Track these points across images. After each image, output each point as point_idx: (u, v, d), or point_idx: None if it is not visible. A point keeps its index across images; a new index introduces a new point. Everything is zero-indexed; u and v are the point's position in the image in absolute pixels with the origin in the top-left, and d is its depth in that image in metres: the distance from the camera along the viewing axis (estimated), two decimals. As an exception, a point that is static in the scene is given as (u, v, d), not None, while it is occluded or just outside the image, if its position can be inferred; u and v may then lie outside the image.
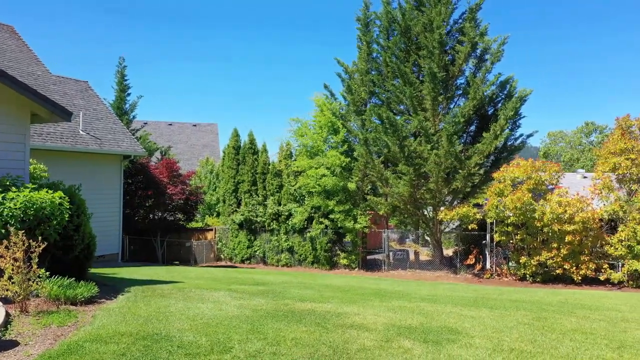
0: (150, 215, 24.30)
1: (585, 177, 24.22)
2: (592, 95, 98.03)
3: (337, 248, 23.72)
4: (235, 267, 24.24)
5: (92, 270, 11.66)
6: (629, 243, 17.39)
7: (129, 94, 29.93)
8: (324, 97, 24.31)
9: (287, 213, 24.55)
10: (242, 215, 25.48)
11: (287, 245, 24.62)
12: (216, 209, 32.10)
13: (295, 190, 24.41)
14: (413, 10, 22.35)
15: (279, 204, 24.97)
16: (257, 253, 25.53)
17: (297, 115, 27.52)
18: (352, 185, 22.64)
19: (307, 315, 8.10)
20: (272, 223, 25.01)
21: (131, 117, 29.74)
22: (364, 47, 24.04)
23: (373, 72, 23.92)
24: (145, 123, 39.05)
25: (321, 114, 23.62)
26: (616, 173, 18.59)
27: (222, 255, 26.96)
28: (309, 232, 23.66)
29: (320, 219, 23.20)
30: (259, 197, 25.56)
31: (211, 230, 27.47)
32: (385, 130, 20.95)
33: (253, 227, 25.65)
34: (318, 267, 23.67)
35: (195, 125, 46.70)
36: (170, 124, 46.10)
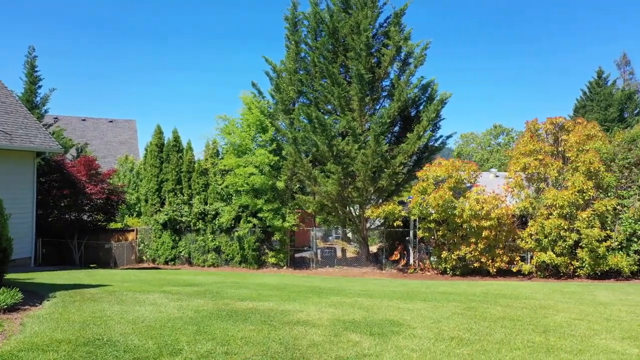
0: (66, 216, 22.86)
1: (497, 176, 25.88)
2: (500, 98, 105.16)
3: (265, 247, 23.66)
4: (159, 268, 23.44)
5: (7, 276, 10.83)
6: (538, 237, 18.88)
7: (40, 87, 27.92)
8: (252, 96, 24.14)
9: (213, 212, 24.12)
10: (166, 215, 24.68)
11: (214, 245, 24.19)
12: (136, 209, 30.81)
13: (222, 189, 24.04)
14: (340, 12, 22.80)
15: (206, 203, 24.48)
16: (182, 254, 24.85)
17: (224, 113, 27.11)
18: (280, 184, 22.69)
19: (251, 314, 8.09)
20: (198, 223, 24.46)
21: (43, 111, 27.76)
22: (292, 47, 24.16)
23: (301, 72, 24.09)
24: (56, 118, 36.65)
25: (249, 112, 23.43)
26: (526, 172, 20.06)
27: (144, 257, 25.94)
28: (237, 231, 23.41)
29: (249, 218, 23.03)
30: (184, 196, 24.89)
31: (132, 231, 26.34)
32: (314, 129, 21.21)
33: (178, 227, 24.93)
34: (246, 266, 23.49)
35: (111, 122, 44.45)
36: (84, 120, 43.54)
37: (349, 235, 32.87)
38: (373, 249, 25.89)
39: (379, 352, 6.03)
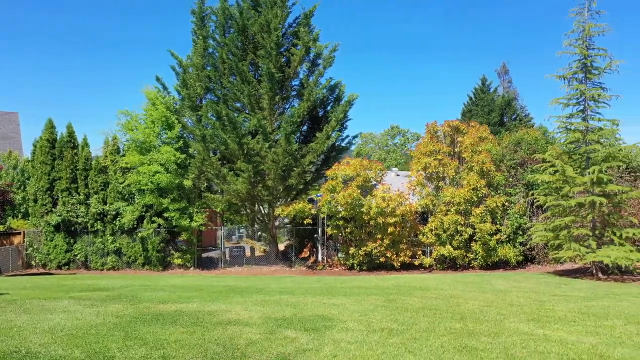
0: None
1: (398, 175, 27.26)
2: (396, 99, 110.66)
3: (170, 248, 22.84)
4: (52, 274, 21.67)
5: None
6: (437, 232, 20.20)
7: None
8: (157, 91, 23.15)
9: (114, 212, 22.79)
10: (59, 216, 22.85)
11: (114, 247, 22.87)
12: (22, 210, 28.16)
13: (124, 187, 22.79)
14: (250, 10, 22.64)
15: (105, 203, 23.04)
16: (78, 257, 23.19)
17: (126, 108, 25.68)
18: (188, 183, 22.03)
19: (178, 317, 7.86)
20: (96, 224, 22.96)
21: None
22: (199, 42, 23.53)
23: (209, 68, 23.56)
24: None
25: (153, 107, 22.44)
26: (427, 171, 21.35)
27: (33, 262, 23.83)
28: (140, 232, 22.35)
29: (153, 218, 22.07)
30: (80, 195, 23.22)
31: (19, 234, 24.05)
32: (223, 127, 20.88)
33: (73, 228, 23.21)
34: (150, 268, 22.51)
35: (-12, 114, 40.11)
36: (-45, 111, 38.86)
37: (260, 233, 32.78)
38: (281, 246, 26.04)
39: (318, 346, 6.17)
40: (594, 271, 15.66)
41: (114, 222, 22.80)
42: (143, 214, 22.44)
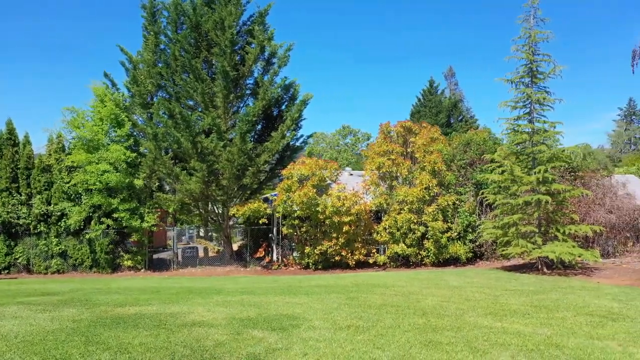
0: None
1: (351, 175, 27.54)
2: (347, 99, 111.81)
3: (120, 249, 22.12)
4: (-10, 278, 20.49)
5: None
6: (391, 230, 20.59)
7: None
8: (105, 87, 22.35)
9: (59, 213, 21.80)
10: (-2, 217, 21.64)
11: (59, 249, 21.87)
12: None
13: (69, 187, 21.84)
14: (203, 6, 22.25)
15: (49, 204, 22.00)
16: (19, 261, 22.01)
17: (72, 104, 24.63)
18: (139, 182, 21.38)
19: (139, 320, 7.64)
20: (39, 225, 21.89)
21: None
22: (150, 38, 22.91)
23: (161, 64, 22.98)
24: None
25: (102, 104, 21.66)
26: (381, 171, 21.71)
27: (-32, 267, 22.42)
28: (88, 233, 21.50)
29: (102, 219, 21.30)
30: (21, 195, 22.05)
31: (-48, 236, 22.57)
32: (176, 125, 20.44)
33: (14, 230, 22.03)
34: (98, 271, 21.70)
35: None
36: None
37: (210, 234, 32.28)
38: (235, 247, 25.76)
39: (287, 345, 6.18)
40: (540, 266, 16.43)
41: (59, 223, 21.82)
42: (91, 214, 21.62)
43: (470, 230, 20.95)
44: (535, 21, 16.74)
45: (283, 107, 23.85)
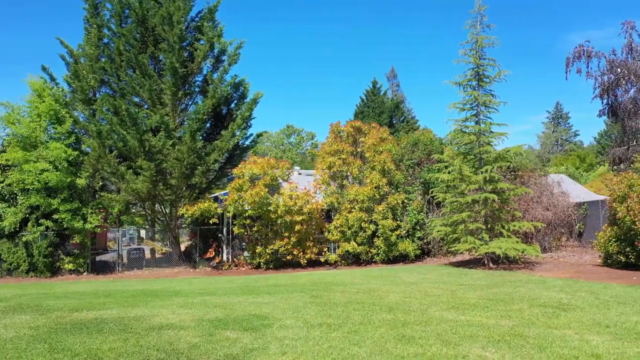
0: None
1: (300, 174, 27.64)
2: (291, 98, 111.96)
3: (60, 252, 21.03)
4: None
5: None
6: (343, 229, 20.81)
7: None
8: (43, 81, 21.17)
9: (-8, 215, 20.47)
10: None
11: (-8, 253, 20.55)
12: None
13: (4, 187, 20.55)
14: (150, 0, 21.57)
15: (-20, 205, 20.61)
16: (-55, 266, 20.49)
17: (7, 99, 23.16)
18: (81, 182, 20.40)
19: (102, 324, 7.34)
20: (-31, 228, 20.46)
21: None
22: (93, 31, 21.91)
23: (104, 59, 22.03)
24: None
25: (39, 99, 20.52)
26: (331, 170, 21.87)
27: None
28: (24, 235, 20.30)
29: (40, 220, 20.16)
30: (-51, 196, 20.54)
31: None
32: (122, 123, 19.71)
33: (-60, 234, 20.48)
34: (35, 275, 20.52)
35: None
36: None
37: (151, 235, 31.35)
38: (183, 247, 25.15)
39: (263, 345, 6.14)
40: (486, 261, 17.16)
41: (-8, 225, 20.48)
42: (27, 216, 20.43)
43: (418, 228, 21.54)
44: (482, 27, 17.46)
45: (232, 105, 23.54)
